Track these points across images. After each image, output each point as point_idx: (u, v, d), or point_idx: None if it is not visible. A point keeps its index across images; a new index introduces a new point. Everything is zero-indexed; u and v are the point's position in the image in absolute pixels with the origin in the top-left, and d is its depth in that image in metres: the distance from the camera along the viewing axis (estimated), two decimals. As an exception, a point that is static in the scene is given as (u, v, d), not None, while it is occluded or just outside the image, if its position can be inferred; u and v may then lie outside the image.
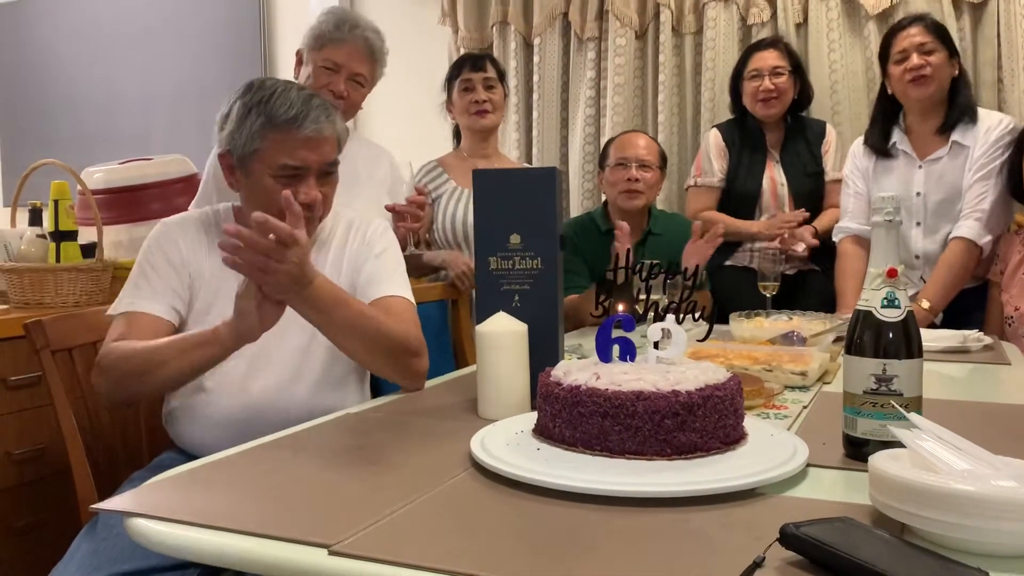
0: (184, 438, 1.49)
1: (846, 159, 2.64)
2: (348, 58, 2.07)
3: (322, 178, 1.48)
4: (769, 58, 2.77)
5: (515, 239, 1.30)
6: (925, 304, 2.31)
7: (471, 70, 2.58)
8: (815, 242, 2.65)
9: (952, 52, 2.41)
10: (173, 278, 1.48)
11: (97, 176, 2.45)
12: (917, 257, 2.47)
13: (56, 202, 2.10)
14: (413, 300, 1.58)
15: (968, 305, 2.40)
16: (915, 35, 2.39)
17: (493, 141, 2.69)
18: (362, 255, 1.58)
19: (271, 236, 1.21)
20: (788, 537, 0.69)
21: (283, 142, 1.43)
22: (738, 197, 2.80)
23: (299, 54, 2.17)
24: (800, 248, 2.63)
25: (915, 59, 2.36)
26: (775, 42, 2.86)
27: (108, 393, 1.44)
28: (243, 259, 1.21)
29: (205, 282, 1.50)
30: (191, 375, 1.38)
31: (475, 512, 0.83)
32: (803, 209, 2.68)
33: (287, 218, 1.25)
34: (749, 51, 2.86)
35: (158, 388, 1.42)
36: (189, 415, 1.47)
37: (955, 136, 2.41)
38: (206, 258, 1.52)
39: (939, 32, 2.41)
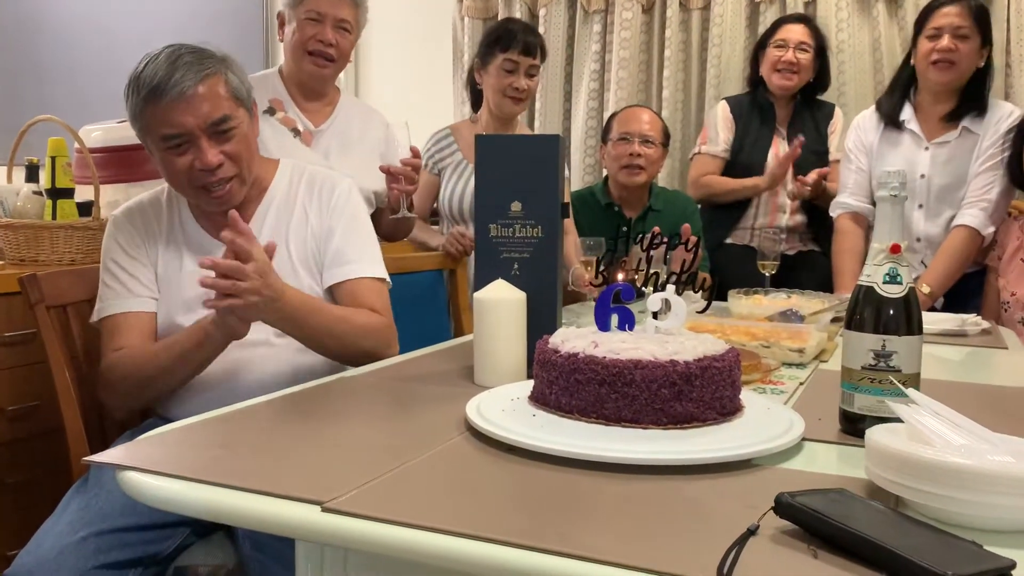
0: (167, 407, 1.47)
1: (849, 131, 2.61)
2: (331, 6, 2.05)
3: (216, 137, 1.42)
4: (798, 31, 2.75)
5: (516, 206, 1.29)
6: (926, 289, 2.30)
7: (522, 53, 2.41)
8: (826, 170, 2.67)
9: (986, 40, 2.36)
10: (137, 268, 1.50)
11: (95, 134, 2.42)
12: (918, 240, 2.46)
13: (53, 159, 2.08)
14: (383, 275, 1.58)
15: (967, 289, 2.39)
16: (953, 15, 2.33)
17: (514, 125, 2.58)
18: (330, 221, 1.56)
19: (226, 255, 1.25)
20: (783, 506, 0.68)
21: (156, 112, 1.39)
22: (742, 170, 2.78)
23: (280, 16, 2.14)
24: (810, 179, 2.62)
25: (946, 41, 2.32)
26: (807, 19, 2.85)
27: (118, 406, 1.50)
28: (214, 289, 1.24)
29: (164, 259, 1.51)
30: (195, 374, 1.42)
31: (469, 475, 0.83)
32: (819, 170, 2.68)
33: (230, 234, 1.26)
34: (779, 22, 2.85)
35: (167, 392, 1.45)
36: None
37: (965, 122, 2.39)
38: (161, 237, 1.53)
39: (979, 16, 2.35)
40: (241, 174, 1.47)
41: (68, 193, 2.11)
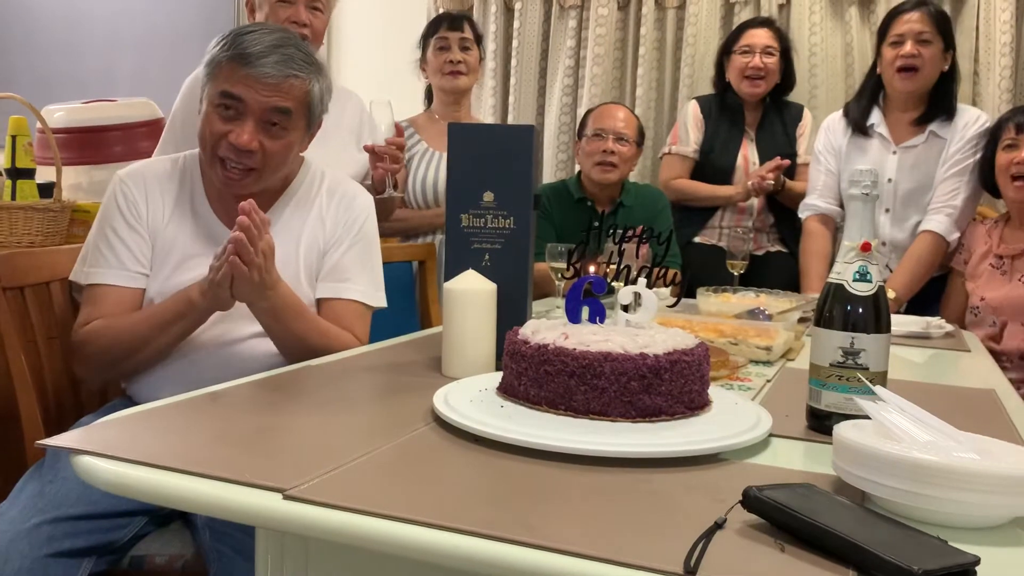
0: (143, 394, 1.44)
1: (819, 133, 2.63)
2: None
3: (264, 126, 1.41)
4: (762, 36, 2.76)
5: (488, 197, 1.27)
6: (891, 294, 2.32)
7: (448, 29, 2.53)
8: (786, 162, 2.66)
9: (948, 44, 2.39)
10: (135, 240, 1.46)
11: (58, 115, 2.37)
12: (884, 244, 2.49)
13: (14, 138, 2.03)
14: (375, 301, 1.56)
15: (931, 293, 2.43)
16: (915, 22, 2.36)
17: (465, 104, 2.65)
18: (339, 233, 1.53)
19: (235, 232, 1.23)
20: (751, 499, 0.68)
21: (232, 72, 1.39)
22: (712, 172, 2.80)
23: (250, 2, 2.11)
24: (769, 180, 2.61)
25: (909, 47, 2.35)
26: (769, 22, 2.85)
27: (92, 378, 1.47)
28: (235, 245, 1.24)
29: (164, 234, 1.47)
30: (174, 346, 1.40)
31: (435, 465, 0.82)
32: (779, 158, 2.67)
33: (249, 205, 1.25)
34: (742, 27, 2.85)
35: (144, 364, 1.42)
36: (149, 371, 1.43)
37: (932, 127, 2.42)
38: (166, 209, 1.49)
39: (940, 22, 2.38)
40: (263, 172, 1.44)
41: (29, 174, 2.06)
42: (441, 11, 3.45)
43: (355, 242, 1.54)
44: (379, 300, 1.58)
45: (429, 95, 2.73)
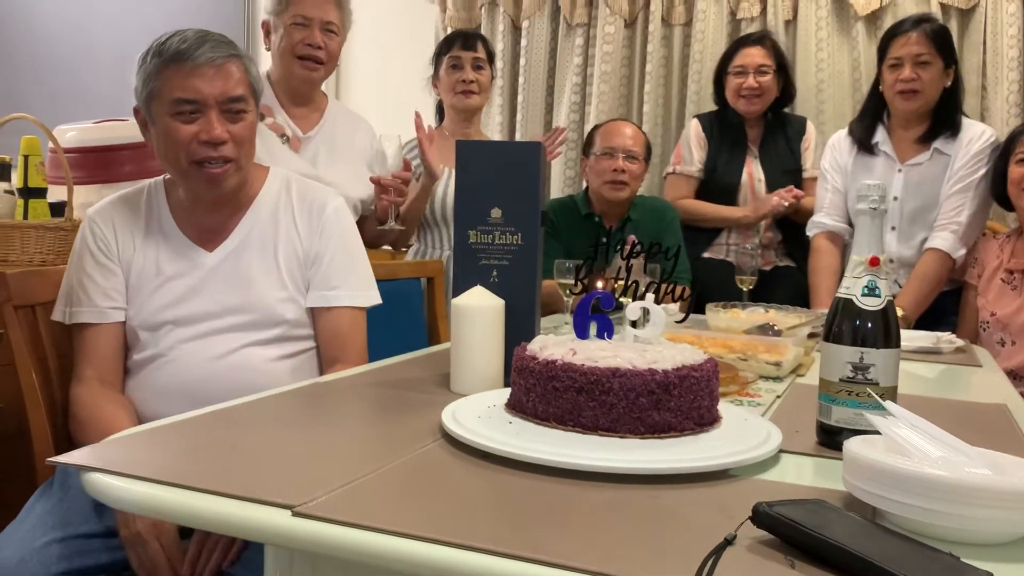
0: (140, 410, 1.44)
1: (824, 151, 2.63)
2: (316, 9, 2.06)
3: (226, 115, 1.43)
4: (755, 55, 2.76)
5: (496, 213, 1.28)
6: (899, 312, 2.31)
7: (461, 48, 2.54)
8: (801, 194, 2.67)
9: (949, 62, 2.39)
10: (105, 276, 1.47)
11: (70, 135, 2.38)
12: (891, 261, 2.48)
13: (26, 158, 2.05)
14: (367, 301, 1.57)
15: (943, 308, 2.41)
16: (913, 43, 2.35)
17: (476, 122, 2.67)
18: (319, 244, 1.54)
19: None
20: (761, 515, 0.68)
21: (175, 76, 1.40)
22: (717, 190, 2.80)
23: (265, 25, 2.14)
24: (785, 202, 2.61)
25: (907, 71, 2.34)
26: (762, 38, 2.84)
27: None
28: None
29: (136, 262, 1.49)
30: None
31: (444, 481, 0.82)
32: (791, 187, 2.69)
33: None
34: (736, 45, 2.84)
35: None
36: (144, 385, 1.44)
37: (936, 144, 2.42)
38: (136, 239, 1.50)
39: (939, 40, 2.37)
40: (239, 161, 1.46)
41: (40, 193, 2.08)
42: (450, 29, 3.49)
43: (335, 252, 1.55)
44: (371, 299, 1.58)
45: (440, 111, 2.74)
